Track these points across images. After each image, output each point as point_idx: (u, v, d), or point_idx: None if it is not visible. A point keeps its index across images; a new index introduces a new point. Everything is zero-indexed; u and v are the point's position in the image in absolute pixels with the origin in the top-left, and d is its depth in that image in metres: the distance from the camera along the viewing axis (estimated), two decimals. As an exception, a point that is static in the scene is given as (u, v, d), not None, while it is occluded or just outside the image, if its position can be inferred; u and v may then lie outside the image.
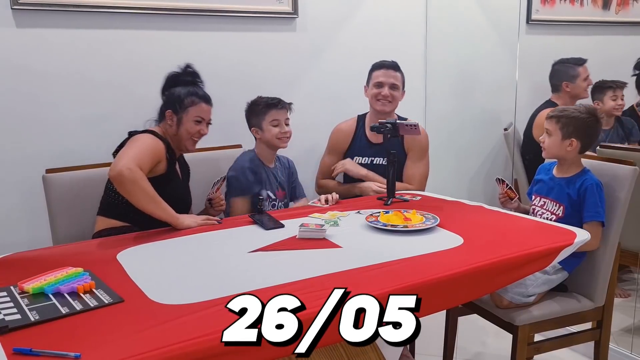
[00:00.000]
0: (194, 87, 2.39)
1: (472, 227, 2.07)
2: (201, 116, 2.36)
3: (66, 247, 2.04)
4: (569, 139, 2.22)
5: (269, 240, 1.95)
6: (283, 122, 2.59)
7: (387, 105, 2.83)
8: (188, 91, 2.36)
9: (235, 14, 2.97)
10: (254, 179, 2.54)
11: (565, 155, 2.25)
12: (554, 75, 3.64)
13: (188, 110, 2.33)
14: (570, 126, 2.21)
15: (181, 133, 2.34)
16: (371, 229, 2.06)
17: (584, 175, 2.22)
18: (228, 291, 1.48)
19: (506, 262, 1.74)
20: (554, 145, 2.25)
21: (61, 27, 2.60)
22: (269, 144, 2.60)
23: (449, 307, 2.33)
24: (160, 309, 1.42)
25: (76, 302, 1.45)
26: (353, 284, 1.54)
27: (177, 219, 2.09)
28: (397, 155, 2.50)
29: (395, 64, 2.89)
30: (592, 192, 2.16)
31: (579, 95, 3.57)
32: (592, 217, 2.15)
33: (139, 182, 2.03)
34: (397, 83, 2.84)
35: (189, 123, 2.33)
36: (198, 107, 2.35)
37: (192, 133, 2.35)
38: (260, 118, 2.59)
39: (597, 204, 2.15)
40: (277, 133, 2.57)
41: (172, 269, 1.73)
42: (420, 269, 1.67)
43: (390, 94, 2.82)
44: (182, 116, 2.33)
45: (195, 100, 2.35)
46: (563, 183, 2.26)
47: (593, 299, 2.23)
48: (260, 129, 2.60)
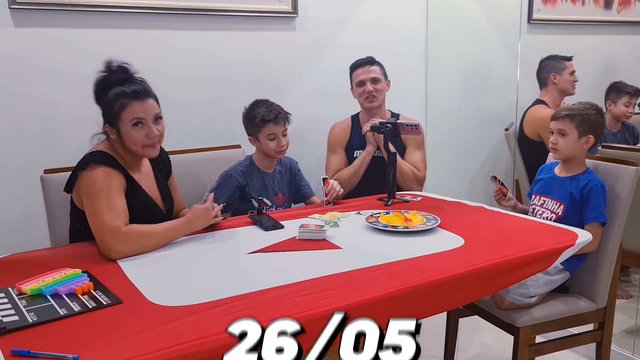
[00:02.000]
0: (120, 87, 2.02)
1: (473, 228, 2.06)
2: (138, 117, 2.00)
3: (64, 248, 2.03)
4: (585, 136, 2.22)
5: (269, 241, 1.95)
6: (280, 134, 2.53)
7: (374, 100, 2.88)
8: (115, 94, 2.00)
9: (234, 14, 2.98)
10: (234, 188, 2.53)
11: (579, 153, 2.25)
12: (542, 69, 3.70)
13: (121, 117, 2.00)
14: (586, 123, 2.21)
15: (129, 146, 2.03)
16: (371, 230, 2.06)
17: (588, 175, 2.22)
18: (227, 292, 1.48)
19: (507, 263, 1.74)
20: (570, 144, 2.23)
21: (60, 27, 2.60)
22: (266, 155, 2.59)
23: (449, 309, 2.33)
24: (159, 311, 1.42)
25: (74, 304, 1.45)
26: (353, 285, 1.54)
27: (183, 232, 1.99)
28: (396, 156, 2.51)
29: (370, 59, 2.93)
30: (596, 193, 2.16)
31: (566, 90, 3.64)
32: (596, 218, 2.15)
33: (137, 242, 1.85)
34: (377, 76, 2.89)
35: (128, 133, 2.01)
36: (130, 109, 1.99)
37: (138, 142, 2.02)
38: (257, 130, 2.54)
39: (600, 205, 2.15)
40: (274, 147, 2.53)
41: (171, 270, 1.73)
42: (421, 270, 1.66)
43: (373, 88, 2.87)
44: (119, 126, 2.01)
45: (124, 102, 1.99)
46: (566, 181, 2.26)
47: (595, 300, 2.23)
48: (257, 140, 2.57)
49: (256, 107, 2.57)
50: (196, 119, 2.97)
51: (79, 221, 2.06)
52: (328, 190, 2.43)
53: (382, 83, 2.91)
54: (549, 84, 3.65)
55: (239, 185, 2.53)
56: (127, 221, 1.90)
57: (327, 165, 2.99)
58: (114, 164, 2.00)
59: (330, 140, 3.02)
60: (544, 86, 3.68)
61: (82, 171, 1.96)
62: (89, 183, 1.93)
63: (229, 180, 2.53)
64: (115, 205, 1.90)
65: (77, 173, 1.98)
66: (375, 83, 2.88)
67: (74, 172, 2.01)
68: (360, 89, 2.89)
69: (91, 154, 2.02)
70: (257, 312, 1.37)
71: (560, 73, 3.63)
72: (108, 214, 1.87)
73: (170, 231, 1.95)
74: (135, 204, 2.02)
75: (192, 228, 2.02)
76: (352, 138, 2.97)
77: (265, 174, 2.61)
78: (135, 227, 1.88)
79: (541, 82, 3.70)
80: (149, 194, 2.14)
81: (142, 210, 2.06)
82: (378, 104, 2.89)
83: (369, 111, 2.91)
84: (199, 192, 2.53)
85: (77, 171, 1.99)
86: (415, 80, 3.60)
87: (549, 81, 3.64)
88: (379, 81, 2.89)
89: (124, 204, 1.95)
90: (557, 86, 3.63)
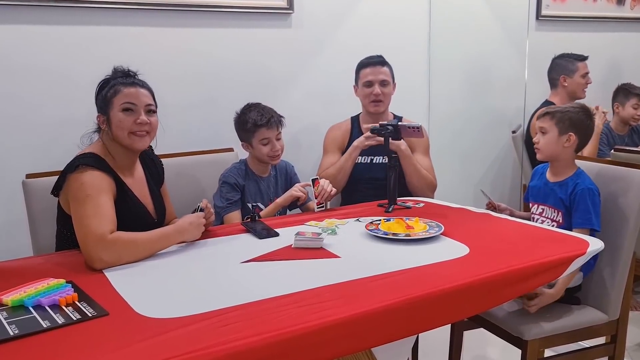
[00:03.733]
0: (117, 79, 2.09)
1: (478, 236, 2.07)
2: (129, 101, 2.04)
3: (48, 256, 2.03)
4: (566, 133, 2.26)
5: (263, 250, 1.95)
6: (274, 139, 2.55)
7: (380, 105, 2.87)
8: (109, 85, 2.07)
9: (227, 9, 2.99)
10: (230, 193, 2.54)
11: (561, 153, 2.28)
12: (553, 69, 3.73)
13: (112, 103, 2.04)
14: (566, 120, 2.27)
15: (116, 134, 2.06)
16: (371, 238, 2.06)
17: (577, 178, 2.26)
18: (219, 304, 1.48)
19: (515, 273, 1.74)
20: (550, 142, 2.29)
21: (44, 24, 2.61)
22: (260, 160, 2.60)
23: (454, 321, 2.34)
24: (147, 323, 1.41)
25: (58, 316, 1.45)
26: (352, 296, 1.54)
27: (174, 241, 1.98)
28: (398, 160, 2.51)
29: (381, 58, 2.92)
30: (583, 197, 2.19)
31: (576, 93, 3.65)
32: (581, 225, 2.18)
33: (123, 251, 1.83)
34: (387, 78, 2.87)
35: (116, 117, 2.04)
36: (122, 94, 2.04)
37: (125, 126, 2.04)
38: (250, 135, 2.55)
39: (588, 211, 2.18)
40: (267, 152, 2.55)
41: (159, 281, 1.72)
42: (424, 281, 1.66)
43: (381, 92, 2.85)
44: (109, 113, 2.05)
45: (117, 87, 2.05)
46: (557, 188, 2.29)
47: (607, 311, 2.23)
48: (250, 145, 2.58)
49: (248, 111, 2.59)
50: (186, 121, 2.98)
51: (65, 227, 2.05)
52: (318, 191, 2.44)
53: (390, 86, 2.89)
54: (558, 85, 3.67)
55: (237, 184, 2.55)
56: (115, 228, 1.89)
57: (319, 168, 2.99)
58: (104, 167, 2.01)
59: (327, 142, 3.01)
60: (553, 87, 3.71)
61: (71, 173, 1.96)
62: (77, 186, 1.94)
63: (228, 181, 2.55)
64: (102, 211, 1.90)
65: (66, 175, 1.98)
66: (384, 86, 2.86)
67: (63, 173, 2.01)
68: (366, 89, 2.87)
69: (82, 156, 2.02)
70: (251, 325, 1.37)
71: (571, 75, 3.63)
72: (94, 220, 1.86)
73: (159, 240, 1.95)
74: (125, 210, 2.02)
75: (182, 237, 2.01)
76: (351, 141, 2.93)
77: (260, 178, 2.62)
78: (122, 235, 1.87)
79: (551, 83, 3.73)
80: (140, 200, 2.14)
81: (133, 217, 2.06)
82: (383, 110, 2.88)
83: (372, 115, 2.90)
84: (189, 198, 2.55)
85: (66, 173, 1.99)
86: (418, 80, 3.61)
87: (558, 83, 3.66)
88: (387, 84, 2.87)
89: (113, 210, 1.95)
90: (566, 89, 3.64)
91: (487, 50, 3.85)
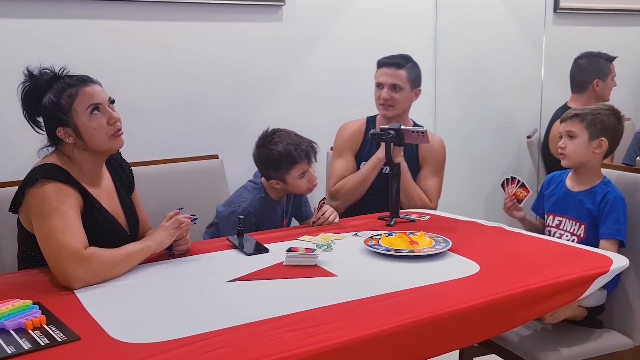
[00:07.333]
0: (56, 84, 2.03)
1: (489, 252, 2.08)
2: (94, 102, 2.02)
3: (12, 275, 2.04)
4: (597, 138, 2.26)
5: (251, 268, 1.95)
6: (310, 169, 2.52)
7: (389, 110, 2.85)
8: (56, 92, 2.01)
9: (213, 2, 2.99)
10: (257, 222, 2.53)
11: (590, 159, 2.29)
12: (583, 71, 3.61)
13: (74, 110, 2.00)
14: (597, 124, 2.26)
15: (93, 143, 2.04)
16: (371, 254, 2.07)
17: (607, 186, 2.27)
18: (202, 328, 1.49)
19: (530, 293, 1.76)
20: (579, 148, 2.28)
21: (3, 17, 2.60)
22: (295, 192, 2.61)
23: (462, 347, 2.35)
24: (122, 349, 1.42)
25: (24, 340, 1.45)
26: (350, 318, 1.56)
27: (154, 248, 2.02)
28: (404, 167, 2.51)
29: (398, 60, 2.88)
30: (615, 206, 2.20)
31: (604, 98, 3.57)
32: (612, 235, 2.19)
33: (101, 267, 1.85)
34: (399, 83, 2.83)
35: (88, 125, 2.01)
36: (82, 97, 2.01)
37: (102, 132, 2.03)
38: (282, 173, 2.49)
39: (619, 221, 2.19)
40: (306, 185, 2.53)
41: (136, 302, 1.73)
42: (429, 302, 1.68)
43: (390, 96, 2.83)
44: (75, 122, 2.01)
45: (72, 91, 2.01)
46: (583, 197, 2.30)
47: (632, 336, 2.25)
48: (283, 182, 2.52)
49: (273, 144, 2.51)
50: (164, 125, 2.97)
51: (28, 246, 2.05)
52: (317, 217, 2.46)
53: (404, 92, 2.85)
54: (589, 89, 3.58)
55: (256, 224, 2.52)
56: (87, 244, 1.90)
57: (330, 171, 2.96)
58: (67, 179, 1.99)
59: (338, 142, 2.99)
60: (580, 90, 3.61)
61: (30, 188, 1.94)
62: (40, 201, 1.92)
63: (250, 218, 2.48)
64: (73, 224, 1.91)
65: (25, 190, 1.97)
66: (394, 90, 2.83)
67: (21, 188, 2.00)
68: (377, 91, 2.88)
69: (40, 168, 2.00)
70: (239, 350, 1.38)
71: (604, 79, 3.58)
72: (66, 235, 1.86)
73: (141, 254, 1.97)
74: (94, 225, 2.01)
75: (162, 244, 2.03)
76: (364, 145, 2.94)
77: (277, 203, 2.63)
78: (97, 250, 1.88)
79: (579, 86, 3.62)
80: (110, 213, 2.13)
81: (103, 232, 2.06)
82: (392, 115, 2.85)
83: (384, 118, 2.89)
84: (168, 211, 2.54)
85: (24, 188, 1.97)
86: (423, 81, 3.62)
87: (590, 87, 3.57)
88: (400, 89, 2.84)
89: (81, 225, 1.95)
90: (596, 93, 3.57)
91: (499, 47, 3.85)
